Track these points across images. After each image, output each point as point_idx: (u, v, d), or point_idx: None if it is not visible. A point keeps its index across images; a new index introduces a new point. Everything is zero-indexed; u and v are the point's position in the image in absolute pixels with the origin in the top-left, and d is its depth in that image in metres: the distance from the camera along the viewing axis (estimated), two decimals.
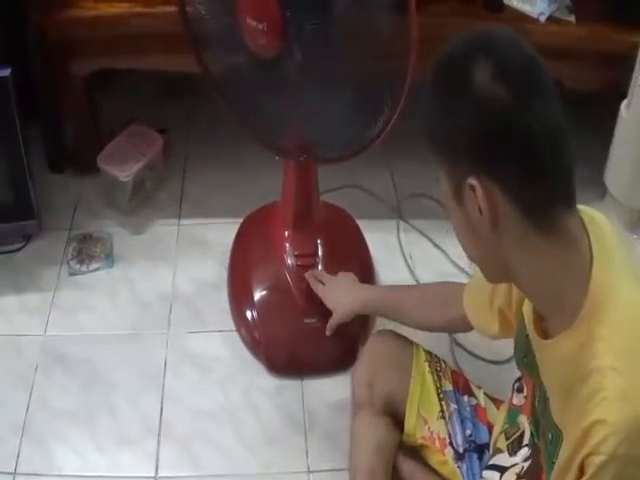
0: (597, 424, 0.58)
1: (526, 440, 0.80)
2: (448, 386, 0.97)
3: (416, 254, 1.42)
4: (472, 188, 0.61)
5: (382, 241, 1.42)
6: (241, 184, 1.51)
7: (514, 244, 0.62)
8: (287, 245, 1.25)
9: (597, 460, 0.58)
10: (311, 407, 1.17)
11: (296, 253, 1.24)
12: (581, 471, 0.60)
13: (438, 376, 0.97)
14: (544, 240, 0.61)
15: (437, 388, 0.96)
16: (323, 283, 1.17)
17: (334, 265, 1.24)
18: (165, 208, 1.48)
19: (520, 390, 0.83)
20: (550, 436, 0.67)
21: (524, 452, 0.79)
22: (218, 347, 1.25)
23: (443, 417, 0.94)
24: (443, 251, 1.42)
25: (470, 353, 1.25)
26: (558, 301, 0.63)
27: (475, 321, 0.90)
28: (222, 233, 1.40)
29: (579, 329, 0.61)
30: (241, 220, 1.38)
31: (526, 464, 0.78)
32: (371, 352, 1.01)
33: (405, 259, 1.41)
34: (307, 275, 1.19)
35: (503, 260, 0.64)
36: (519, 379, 0.84)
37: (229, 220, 1.42)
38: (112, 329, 1.27)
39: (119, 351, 1.24)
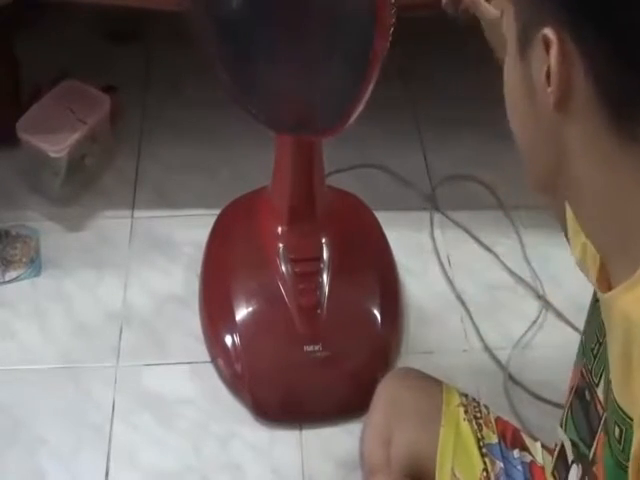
0: None
1: (570, 455, 0.80)
2: (492, 438, 0.96)
3: (456, 257, 1.43)
4: (546, 42, 0.57)
5: (410, 240, 1.43)
6: (216, 163, 1.51)
7: (582, 140, 0.60)
8: (280, 246, 1.25)
9: None
10: (312, 467, 1.18)
11: (293, 257, 1.24)
12: None
13: (478, 425, 0.97)
14: (623, 149, 0.59)
15: (478, 440, 0.96)
16: None
17: (344, 274, 1.24)
18: (113, 195, 1.48)
19: None
20: (618, 430, 0.66)
21: (574, 472, 0.79)
22: (186, 385, 1.25)
23: (487, 479, 0.93)
24: (492, 252, 1.43)
25: (532, 394, 1.25)
26: (623, 238, 0.62)
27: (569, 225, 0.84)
28: (191, 229, 1.41)
29: None
30: (217, 212, 1.38)
31: None
32: (386, 398, 1.01)
33: (441, 264, 1.42)
34: None
35: (559, 158, 0.62)
36: None
37: (200, 212, 1.43)
38: (39, 362, 1.27)
39: (48, 392, 1.23)
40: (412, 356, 1.28)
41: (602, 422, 0.71)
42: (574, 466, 0.80)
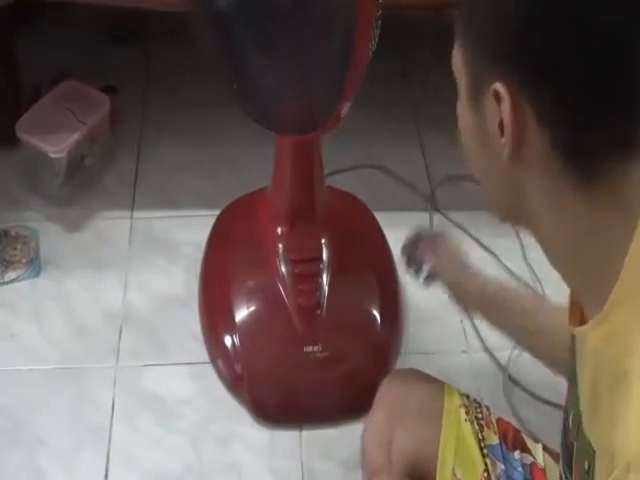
0: (620, 449, 0.57)
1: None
2: (494, 439, 0.96)
3: None
4: (497, 96, 0.58)
5: None
6: (216, 164, 1.51)
7: (537, 184, 0.61)
8: (280, 246, 1.25)
9: None
10: (312, 467, 1.18)
11: (292, 257, 1.24)
12: None
13: (480, 426, 0.97)
14: (580, 194, 0.60)
15: (479, 441, 0.95)
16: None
17: (344, 274, 1.24)
18: (113, 195, 1.48)
19: None
20: (586, 464, 0.66)
21: None
22: (185, 386, 1.25)
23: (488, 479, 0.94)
24: (491, 252, 1.43)
25: (531, 394, 1.25)
26: (589, 274, 0.62)
27: None
28: (191, 230, 1.41)
29: (611, 314, 0.60)
30: (217, 213, 1.38)
31: None
32: (388, 398, 1.01)
33: None
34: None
35: (518, 197, 0.63)
36: None
37: (200, 212, 1.43)
38: (38, 362, 1.27)
39: (48, 393, 1.23)
40: (412, 357, 1.28)
41: (575, 453, 0.71)
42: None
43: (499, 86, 0.58)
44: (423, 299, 1.36)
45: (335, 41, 0.95)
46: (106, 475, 1.15)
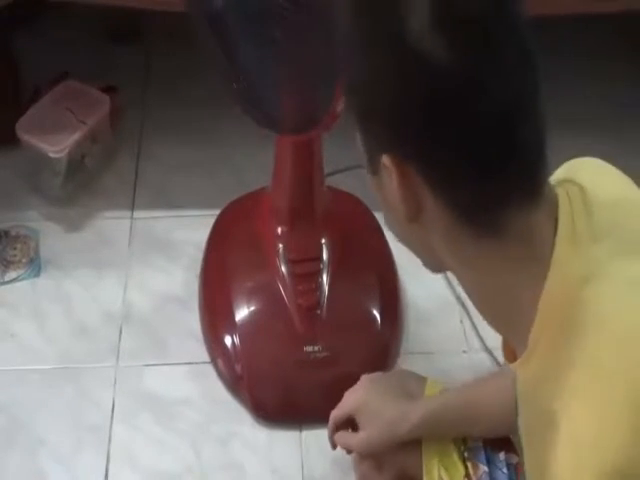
0: None
1: None
2: (477, 441, 0.97)
3: None
4: (386, 169, 0.60)
5: None
6: (216, 163, 1.51)
7: (441, 243, 0.63)
8: (280, 246, 1.25)
9: None
10: (312, 467, 1.18)
11: (292, 257, 1.24)
12: None
13: None
14: (484, 247, 0.61)
15: (461, 444, 0.96)
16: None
17: (344, 274, 1.24)
18: (113, 195, 1.48)
19: None
20: None
21: None
22: (186, 385, 1.25)
23: None
24: None
25: None
26: (507, 320, 0.64)
27: None
28: (191, 230, 1.41)
29: (533, 355, 0.62)
30: (217, 212, 1.38)
31: None
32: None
33: None
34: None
35: (434, 253, 0.65)
36: None
37: (200, 212, 1.43)
38: (38, 362, 1.27)
39: (48, 393, 1.23)
40: (411, 356, 1.28)
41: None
42: None
43: (385, 159, 0.60)
44: (423, 299, 1.36)
45: (330, 36, 0.95)
46: (106, 475, 1.15)
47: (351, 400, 1.04)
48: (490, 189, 0.59)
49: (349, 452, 1.07)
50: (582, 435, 0.58)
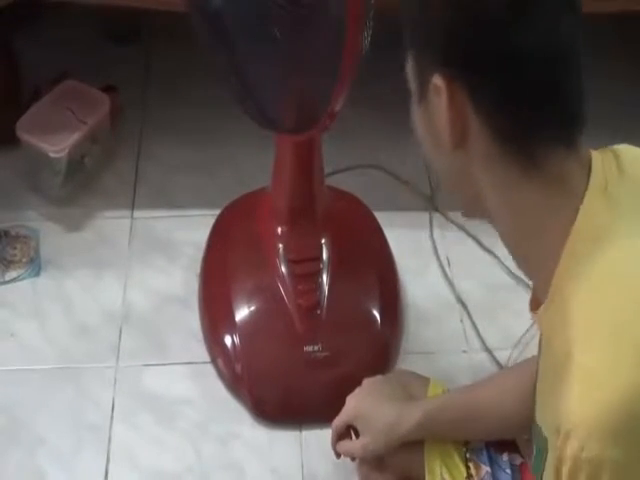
0: (563, 421, 0.59)
1: None
2: (479, 443, 0.98)
3: (455, 257, 1.43)
4: (436, 89, 0.63)
5: (410, 240, 1.43)
6: (216, 163, 1.51)
7: (484, 173, 0.65)
8: (280, 246, 1.25)
9: (565, 470, 0.59)
10: (312, 467, 1.18)
11: (292, 257, 1.24)
12: None
13: None
14: (525, 179, 0.63)
15: (462, 445, 0.97)
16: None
17: (344, 274, 1.25)
18: (113, 195, 1.48)
19: None
20: (536, 450, 0.68)
21: None
22: (186, 385, 1.25)
23: None
24: (491, 253, 1.43)
25: None
26: (538, 261, 0.66)
27: None
28: (191, 230, 1.41)
29: (555, 297, 0.64)
30: (217, 212, 1.38)
31: None
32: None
33: (441, 264, 1.42)
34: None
35: (473, 189, 0.67)
36: None
37: (200, 212, 1.43)
38: (38, 362, 1.27)
39: (48, 393, 1.23)
40: (412, 356, 1.28)
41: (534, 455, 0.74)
42: None
43: (437, 79, 0.62)
44: (423, 298, 1.36)
45: (328, 36, 0.95)
46: (106, 475, 1.15)
47: (349, 408, 1.05)
48: (528, 119, 0.61)
49: (353, 459, 1.07)
50: (593, 368, 0.59)
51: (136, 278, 1.37)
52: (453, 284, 1.38)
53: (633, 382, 0.57)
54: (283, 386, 1.22)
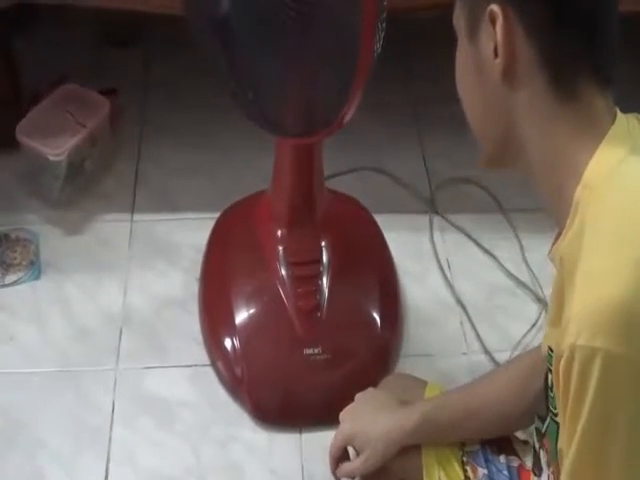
0: (564, 319, 0.62)
1: (537, 444, 0.84)
2: (474, 445, 0.97)
3: (455, 260, 1.43)
4: (492, 17, 0.66)
5: (409, 243, 1.43)
6: (216, 166, 1.52)
7: (526, 102, 0.69)
8: (280, 249, 1.25)
9: (561, 365, 0.62)
10: (312, 470, 1.18)
11: (292, 260, 1.24)
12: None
13: None
14: (563, 107, 0.68)
15: (458, 448, 0.97)
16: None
17: (344, 276, 1.25)
18: (113, 198, 1.48)
19: None
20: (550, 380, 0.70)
21: (543, 459, 0.83)
22: (185, 388, 1.25)
23: None
24: (492, 255, 1.43)
25: None
26: (563, 191, 0.68)
27: None
28: (191, 232, 1.41)
29: (573, 223, 0.66)
30: (217, 215, 1.38)
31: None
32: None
33: (440, 267, 1.42)
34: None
35: (507, 121, 0.70)
36: None
37: (200, 215, 1.43)
38: (38, 365, 1.27)
39: (48, 396, 1.23)
40: (412, 359, 1.29)
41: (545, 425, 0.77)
42: (541, 452, 0.83)
43: (494, 6, 0.66)
44: (423, 301, 1.36)
45: (339, 45, 0.96)
46: (106, 477, 1.15)
47: (344, 430, 1.03)
48: (573, 44, 0.66)
49: (354, 479, 1.07)
50: (594, 269, 0.62)
51: (136, 281, 1.37)
52: (453, 286, 1.39)
53: (633, 279, 0.60)
54: (283, 389, 1.22)
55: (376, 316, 1.27)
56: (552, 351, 0.70)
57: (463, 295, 1.37)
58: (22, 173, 1.47)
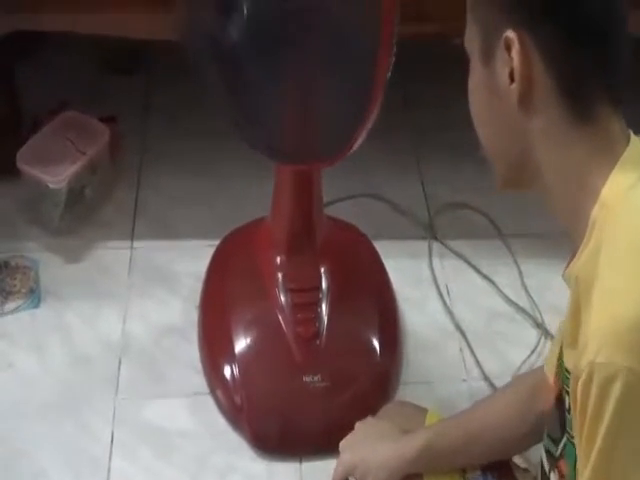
0: (582, 338, 0.63)
1: (547, 465, 0.83)
2: (476, 472, 0.97)
3: (454, 286, 1.43)
4: (508, 44, 0.67)
5: (408, 269, 1.44)
6: (215, 194, 1.52)
7: (542, 128, 0.69)
8: (279, 276, 1.25)
9: (580, 385, 0.62)
10: None
11: (292, 287, 1.24)
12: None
13: None
14: (578, 131, 0.68)
15: (460, 476, 0.97)
16: None
17: (343, 303, 1.25)
18: (113, 226, 1.48)
19: None
20: (567, 402, 0.70)
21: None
22: (185, 418, 1.25)
23: None
24: (490, 281, 1.43)
25: None
26: (579, 210, 0.69)
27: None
28: (191, 260, 1.41)
29: (589, 242, 0.67)
30: (216, 243, 1.38)
31: None
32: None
33: (440, 293, 1.42)
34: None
35: (523, 151, 0.71)
36: None
37: (200, 242, 1.43)
38: (37, 395, 1.26)
39: (47, 426, 1.22)
40: (411, 386, 1.28)
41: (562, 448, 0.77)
42: (552, 474, 0.83)
43: (509, 32, 0.66)
44: (422, 327, 1.36)
45: (348, 72, 0.97)
46: None
47: (345, 461, 1.03)
48: (593, 74, 0.68)
49: None
50: (610, 287, 0.63)
51: (135, 309, 1.37)
52: (452, 313, 1.38)
53: None
54: (282, 417, 1.22)
55: (375, 343, 1.27)
56: (569, 372, 0.70)
57: (462, 321, 1.37)
58: (22, 200, 1.48)
